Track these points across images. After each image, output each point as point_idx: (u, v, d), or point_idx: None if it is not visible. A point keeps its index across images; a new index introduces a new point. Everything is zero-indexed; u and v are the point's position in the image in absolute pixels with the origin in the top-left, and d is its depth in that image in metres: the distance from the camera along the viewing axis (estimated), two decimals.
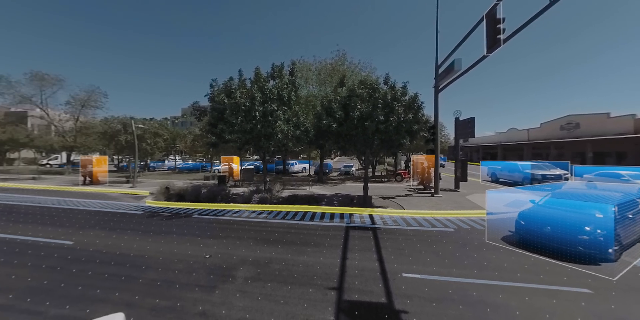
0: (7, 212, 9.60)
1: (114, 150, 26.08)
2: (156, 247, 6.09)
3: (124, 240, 6.61)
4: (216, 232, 7.38)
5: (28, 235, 6.86)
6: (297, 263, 5.20)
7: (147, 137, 23.91)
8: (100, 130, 25.40)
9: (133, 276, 4.64)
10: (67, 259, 5.41)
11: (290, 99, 12.33)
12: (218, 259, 5.44)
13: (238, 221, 8.62)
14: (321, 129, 10.52)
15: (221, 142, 12.49)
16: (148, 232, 7.27)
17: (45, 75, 27.48)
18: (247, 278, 4.57)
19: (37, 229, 7.51)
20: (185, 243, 6.40)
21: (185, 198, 11.59)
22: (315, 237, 6.85)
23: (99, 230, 7.47)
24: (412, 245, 6.22)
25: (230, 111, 11.10)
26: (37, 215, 9.25)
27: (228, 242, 6.51)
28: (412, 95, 10.07)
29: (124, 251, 5.84)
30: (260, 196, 11.33)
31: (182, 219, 8.93)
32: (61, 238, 6.68)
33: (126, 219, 8.90)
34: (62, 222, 8.26)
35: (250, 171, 20.28)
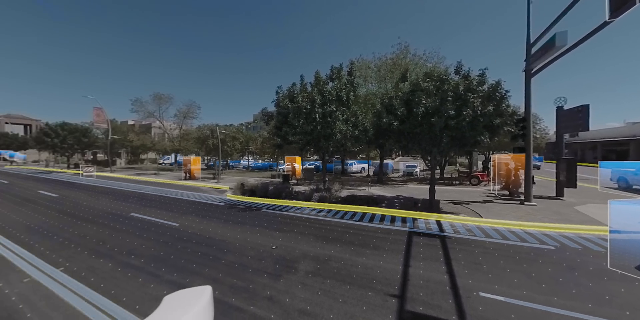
0: (140, 199, 13.02)
1: (204, 152, 32.02)
2: (234, 235, 7.12)
3: (211, 226, 7.99)
4: (281, 226, 8.07)
5: (152, 217, 9.12)
6: (356, 264, 5.16)
7: (227, 140, 28.33)
8: (195, 136, 31.62)
9: (218, 257, 5.57)
10: (175, 237, 6.93)
11: (348, 99, 12.35)
12: (282, 250, 5.94)
13: (300, 217, 9.18)
14: (381, 127, 10.11)
15: (285, 143, 13.57)
16: (228, 221, 8.57)
17: (162, 95, 35.97)
18: (308, 272, 4.82)
19: (157, 212, 9.90)
20: (256, 233, 7.25)
21: (256, 193, 13.13)
22: (374, 240, 6.65)
23: (195, 216, 9.26)
24: (492, 260, 5.28)
25: (293, 115, 11.93)
26: (157, 201, 12.19)
27: (291, 236, 7.02)
28: (492, 83, 8.54)
29: (211, 235, 7.07)
30: (320, 195, 11.75)
31: (253, 211, 10.15)
32: (171, 220, 8.60)
33: (212, 208, 10.74)
34: (171, 208, 10.64)
35: (311, 170, 21.30)
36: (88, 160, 46.58)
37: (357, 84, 13.93)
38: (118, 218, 8.95)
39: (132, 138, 36.85)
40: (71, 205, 11.22)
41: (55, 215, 9.30)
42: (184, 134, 35.48)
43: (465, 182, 18.60)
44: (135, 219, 8.88)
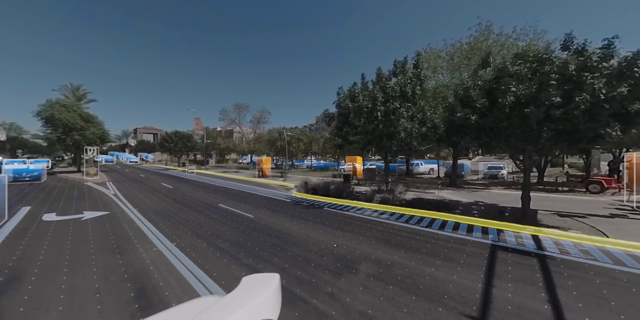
0: (225, 192, 15.55)
1: (273, 153, 35.61)
2: (298, 230, 7.63)
3: (279, 220, 8.80)
4: (342, 225, 8.16)
5: (234, 208, 10.75)
6: (423, 274, 4.71)
7: (293, 142, 30.67)
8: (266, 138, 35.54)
9: (284, 248, 6.09)
10: (250, 227, 7.96)
11: (414, 94, 11.41)
12: (343, 249, 5.99)
13: (361, 218, 9.06)
14: (454, 123, 8.90)
15: (346, 143, 13.64)
16: (294, 217, 9.26)
17: (241, 104, 42.03)
18: (369, 275, 4.71)
19: (237, 204, 11.61)
20: (318, 230, 7.56)
21: (318, 192, 13.70)
22: (445, 250, 5.92)
23: (266, 210, 10.40)
24: (625, 296, 3.89)
25: (353, 114, 11.88)
26: (237, 195, 14.29)
27: (352, 236, 7.01)
28: (626, 56, 6.27)
29: (279, 228, 7.78)
30: (382, 196, 11.28)
31: (316, 209, 10.62)
32: (247, 212, 9.93)
33: (280, 204, 11.81)
34: (248, 201, 12.27)
35: (372, 171, 20.71)
36: (191, 160, 58.76)
37: (425, 76, 12.72)
38: (210, 207, 10.94)
39: (219, 142, 44.60)
40: (180, 195, 14.42)
41: (171, 202, 12.15)
42: (257, 137, 40.47)
43: (578, 188, 14.37)
44: (222, 209, 10.66)
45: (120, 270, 4.94)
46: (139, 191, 15.78)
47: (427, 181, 19.07)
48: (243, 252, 5.86)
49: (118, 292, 4.16)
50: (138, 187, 17.92)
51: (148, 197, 13.74)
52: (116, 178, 24.03)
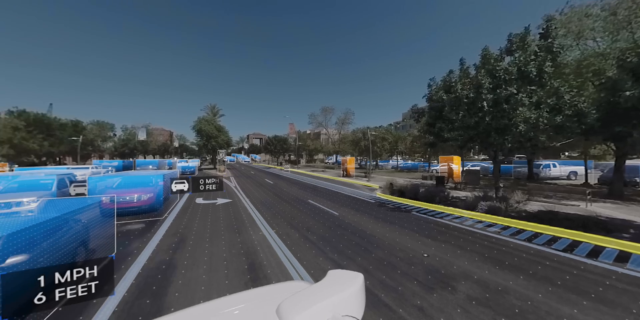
0: (313, 189, 17.00)
1: (357, 153, 35.89)
2: (383, 232, 7.35)
3: (363, 220, 8.77)
4: (434, 233, 7.24)
5: (321, 204, 11.59)
6: (558, 314, 3.51)
7: (377, 141, 29.86)
8: (350, 139, 36.25)
9: (368, 249, 6.01)
10: (335, 224, 8.34)
11: (542, 73, 8.67)
12: (436, 261, 5.30)
13: (459, 228, 7.74)
14: (618, 106, 6.15)
15: (439, 141, 12.00)
16: (378, 218, 9.00)
17: (327, 107, 44.82)
18: (471, 297, 3.95)
19: (324, 201, 12.44)
20: (405, 235, 7.01)
21: (405, 195, 12.71)
22: (601, 288, 4.17)
23: (350, 209, 10.61)
24: None
25: (449, 107, 10.29)
26: (324, 193, 15.31)
27: (447, 248, 6.09)
28: None
29: (363, 228, 7.75)
30: (489, 205, 9.21)
31: (402, 213, 9.91)
32: (333, 209, 10.45)
33: (364, 204, 11.75)
34: (333, 199, 12.92)
35: (476, 173, 17.24)
36: (286, 160, 67.79)
37: (561, 46, 9.47)
38: (301, 202, 12.25)
39: (308, 143, 49.24)
40: (279, 190, 16.91)
41: (272, 195, 14.44)
42: (342, 138, 41.94)
43: None
44: (311, 204, 11.70)
45: (238, 246, 6.31)
46: (250, 185, 19.66)
47: (566, 189, 13.98)
48: (329, 247, 6.21)
49: (237, 263, 5.33)
50: (249, 181, 22.35)
51: (256, 190, 16.89)
52: (236, 174, 30.90)
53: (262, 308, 1.38)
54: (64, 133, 33.21)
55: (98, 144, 45.70)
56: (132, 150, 52.73)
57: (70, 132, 34.25)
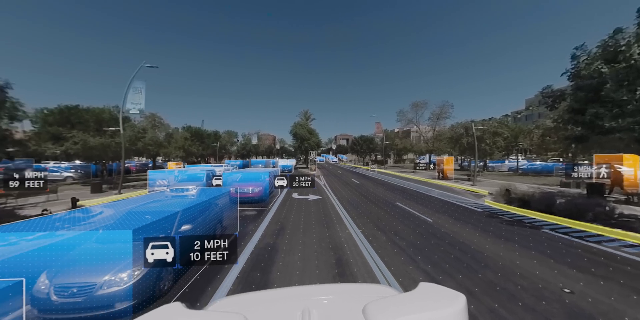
0: (402, 192, 15.87)
1: (457, 151, 30.55)
2: (495, 250, 5.92)
3: (465, 231, 7.38)
4: (584, 263, 5.17)
5: (410, 208, 10.65)
6: None
7: (485, 137, 24.35)
8: (448, 135, 31.30)
9: (472, 268, 5.00)
10: (429, 231, 7.45)
11: None
12: (587, 302, 3.76)
13: (636, 262, 5.18)
14: None
15: (593, 133, 8.48)
16: (487, 232, 7.34)
17: (419, 102, 40.73)
18: None
19: (414, 205, 11.37)
20: (531, 259, 5.37)
21: (530, 205, 9.73)
22: None
23: (447, 217, 9.19)
24: None
25: (615, 83, 7.08)
26: (414, 196, 13.99)
27: (611, 287, 4.21)
28: None
29: (466, 241, 6.53)
30: None
31: (526, 228, 7.65)
32: (425, 215, 9.38)
33: (467, 213, 9.87)
34: (425, 204, 11.59)
35: None
36: (372, 160, 66.56)
37: None
38: (388, 204, 11.70)
39: (397, 142, 46.31)
40: (365, 190, 16.84)
41: (358, 195, 14.57)
42: (437, 135, 36.88)
43: None
44: (399, 207, 10.97)
45: (327, 241, 6.74)
46: (337, 184, 20.61)
47: None
48: (420, 256, 5.62)
49: (326, 256, 5.71)
50: (337, 180, 23.45)
51: (343, 188, 17.51)
52: (325, 173, 33.19)
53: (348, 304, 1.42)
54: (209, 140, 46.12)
55: (228, 147, 60.61)
56: (248, 152, 66.78)
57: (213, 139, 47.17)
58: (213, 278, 4.64)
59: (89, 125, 19.47)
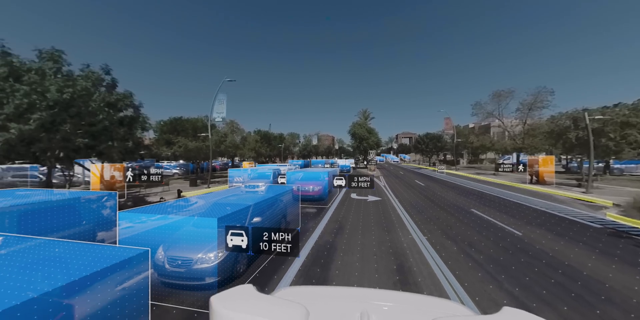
0: (479, 197, 13.63)
1: (561, 149, 23.99)
2: (623, 280, 4.40)
3: (574, 252, 5.76)
4: None
5: (491, 217, 9.04)
6: None
7: (608, 130, 18.27)
8: (546, 129, 24.95)
9: (586, 300, 3.86)
10: (517, 247, 6.14)
11: None
12: None
13: None
14: None
15: None
16: (610, 255, 5.53)
17: (501, 91, 34.14)
18: None
19: (496, 213, 9.60)
20: None
21: None
22: None
23: (545, 231, 7.37)
24: None
25: None
26: (496, 203, 11.80)
27: None
28: None
29: (574, 265, 5.09)
30: None
31: None
32: (512, 227, 7.78)
33: (577, 228, 7.68)
34: (512, 213, 9.60)
35: None
36: (440, 160, 59.76)
37: None
38: (460, 211, 10.25)
39: (471, 140, 40.04)
40: (431, 193, 15.27)
41: (422, 198, 13.34)
42: (529, 129, 29.97)
43: None
44: (475, 215, 9.47)
45: (387, 244, 6.43)
46: (398, 185, 19.39)
47: None
48: (504, 275, 4.70)
49: (386, 260, 5.45)
50: (398, 181, 22.07)
51: (405, 191, 16.35)
52: (385, 173, 31.75)
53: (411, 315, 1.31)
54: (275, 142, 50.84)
55: (291, 148, 65.41)
56: (309, 152, 70.36)
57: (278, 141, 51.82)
58: (279, 268, 5.09)
59: (188, 133, 24.45)
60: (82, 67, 11.51)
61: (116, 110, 12.37)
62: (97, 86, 11.51)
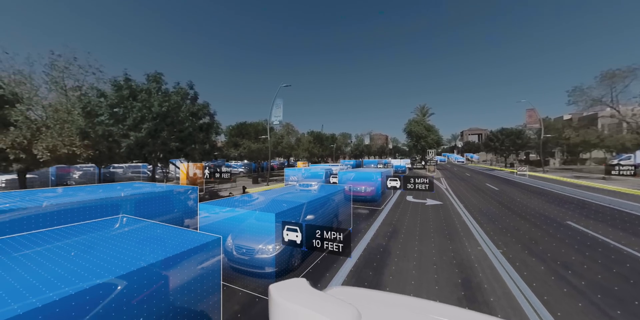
0: (579, 207, 10.81)
1: None
2: None
3: None
4: None
5: (599, 233, 7.05)
6: None
7: None
8: None
9: None
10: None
11: None
12: None
13: None
14: None
15: None
16: None
17: (615, 71, 26.24)
18: None
19: (609, 230, 7.43)
20: None
21: None
22: None
23: None
24: None
25: None
26: (608, 216, 9.13)
27: None
28: None
29: None
30: None
31: None
32: (634, 248, 5.88)
33: None
34: (635, 230, 7.26)
35: None
36: (521, 160, 49.94)
37: None
38: (551, 222, 8.34)
39: (567, 134, 31.97)
40: (508, 199, 12.93)
41: (496, 205, 11.41)
42: None
43: None
44: (573, 229, 7.56)
45: (449, 254, 5.76)
46: (464, 188, 17.10)
47: None
48: (621, 310, 3.60)
49: (449, 272, 4.88)
50: (464, 184, 19.48)
51: (473, 195, 14.31)
52: (447, 175, 28.50)
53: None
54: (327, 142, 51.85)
55: (343, 148, 65.54)
56: (361, 152, 69.11)
57: (330, 141, 52.69)
58: (330, 266, 5.17)
59: (251, 135, 27.37)
60: (174, 84, 14.23)
61: (197, 118, 14.81)
62: (184, 99, 14.02)
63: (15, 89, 10.99)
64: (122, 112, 11.71)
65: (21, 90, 11.16)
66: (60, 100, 12.22)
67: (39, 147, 9.84)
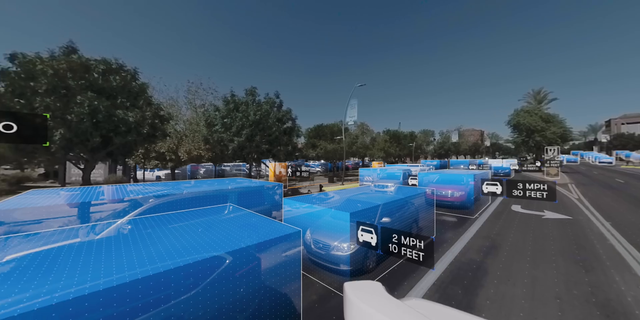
0: None
1: None
2: None
3: None
4: None
5: None
6: None
7: None
8: None
9: None
10: None
11: None
12: None
13: None
14: None
15: None
16: None
17: None
18: None
19: None
20: None
21: None
22: None
23: None
24: None
25: None
26: None
27: None
28: None
29: None
30: None
31: None
32: None
33: None
34: None
35: None
36: None
37: None
38: None
39: None
40: None
41: None
42: None
43: None
44: None
45: (585, 289, 4.23)
46: (613, 200, 12.16)
47: None
48: None
49: (582, 312, 3.60)
50: (611, 194, 13.87)
51: (629, 209, 10.00)
52: (580, 180, 21.04)
53: None
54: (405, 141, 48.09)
55: (424, 147, 59.20)
56: (447, 151, 60.40)
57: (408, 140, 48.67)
58: (409, 275, 4.77)
59: (327, 136, 28.76)
60: (264, 95, 16.70)
61: (282, 123, 16.84)
62: (272, 107, 16.24)
63: (169, 110, 15.73)
64: (229, 122, 14.73)
65: (172, 110, 15.88)
66: (193, 116, 16.63)
67: (181, 150, 13.78)
